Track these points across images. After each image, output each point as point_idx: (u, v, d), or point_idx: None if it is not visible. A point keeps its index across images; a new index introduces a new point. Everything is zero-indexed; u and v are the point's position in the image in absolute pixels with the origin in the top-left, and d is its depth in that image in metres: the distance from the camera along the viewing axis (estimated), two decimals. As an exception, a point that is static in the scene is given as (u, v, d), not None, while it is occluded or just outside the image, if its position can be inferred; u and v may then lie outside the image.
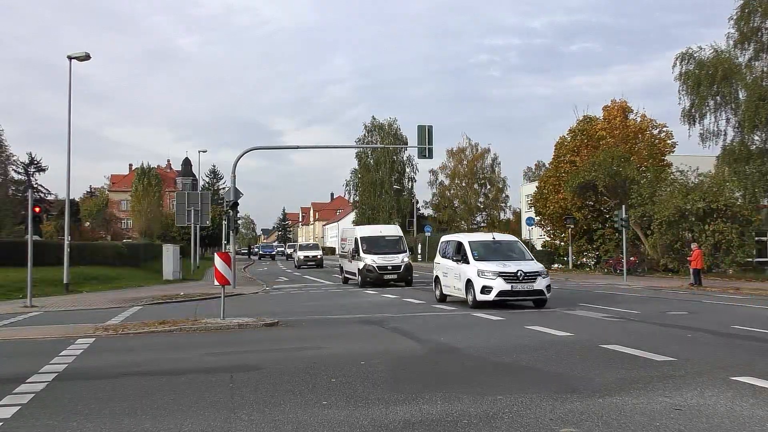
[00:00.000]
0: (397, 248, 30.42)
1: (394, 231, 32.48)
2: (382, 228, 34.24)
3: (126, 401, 7.95)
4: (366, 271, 29.41)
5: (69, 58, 28.64)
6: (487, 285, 18.09)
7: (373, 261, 29.30)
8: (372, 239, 30.52)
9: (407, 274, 29.73)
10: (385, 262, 29.40)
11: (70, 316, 18.94)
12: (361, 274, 29.77)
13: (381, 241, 30.54)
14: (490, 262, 18.59)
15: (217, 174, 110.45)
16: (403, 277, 29.61)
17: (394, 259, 29.57)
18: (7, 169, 61.95)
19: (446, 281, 20.65)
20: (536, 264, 19.23)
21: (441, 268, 21.28)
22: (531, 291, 18.29)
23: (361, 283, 29.73)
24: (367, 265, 29.35)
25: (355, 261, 30.35)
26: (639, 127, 45.08)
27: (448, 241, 21.70)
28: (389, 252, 29.94)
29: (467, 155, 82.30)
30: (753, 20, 34.45)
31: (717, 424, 6.49)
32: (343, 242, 34.58)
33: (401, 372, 9.58)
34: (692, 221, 33.86)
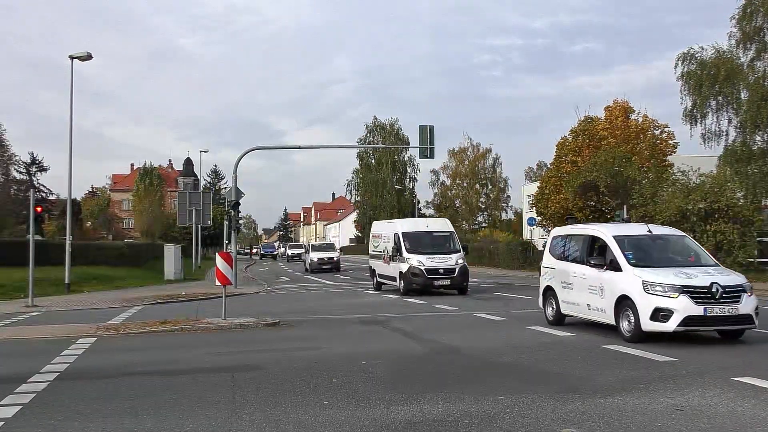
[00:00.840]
0: (449, 247, 25.19)
1: (444, 225, 26.92)
2: (428, 222, 28.40)
3: (127, 401, 7.96)
4: (411, 276, 23.98)
5: (71, 58, 28.68)
6: (665, 307, 11.40)
7: (419, 262, 23.91)
8: (417, 236, 25.34)
9: (462, 280, 24.24)
10: (436, 264, 23.96)
11: (71, 315, 18.95)
12: (404, 279, 24.27)
13: (428, 237, 25.51)
14: (660, 270, 12.08)
15: (218, 174, 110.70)
16: (457, 284, 24.18)
17: (446, 260, 24.24)
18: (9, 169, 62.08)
19: (570, 296, 13.84)
20: (732, 273, 12.74)
21: (558, 275, 14.44)
22: (735, 317, 11.47)
23: (404, 289, 24.20)
24: (413, 267, 23.90)
25: (395, 263, 25.11)
26: (641, 127, 44.99)
27: (570, 235, 14.79)
28: (439, 251, 24.62)
29: (469, 155, 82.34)
30: (755, 20, 34.39)
31: (718, 425, 6.49)
32: (376, 240, 28.81)
33: (402, 372, 9.59)
34: (694, 221, 33.79)
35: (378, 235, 28.64)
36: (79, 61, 29.03)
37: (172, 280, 35.93)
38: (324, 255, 47.43)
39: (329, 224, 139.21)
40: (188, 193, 39.02)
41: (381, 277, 27.31)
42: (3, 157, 57.78)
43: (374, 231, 29.75)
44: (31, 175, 76.39)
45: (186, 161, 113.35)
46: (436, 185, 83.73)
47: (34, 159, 78.17)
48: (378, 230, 29.16)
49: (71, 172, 30.62)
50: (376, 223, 31.66)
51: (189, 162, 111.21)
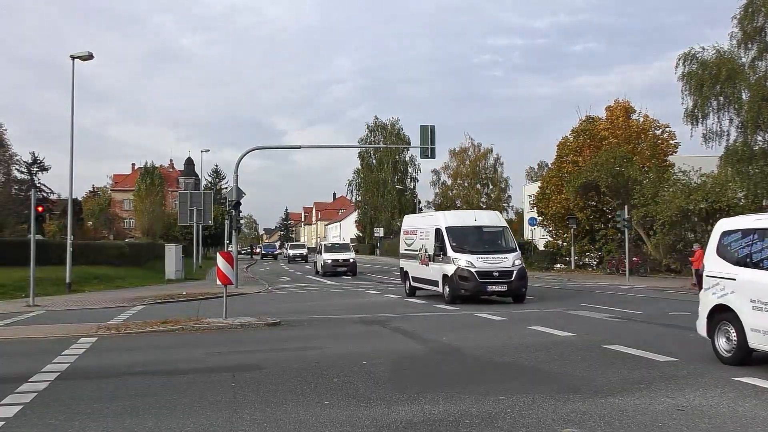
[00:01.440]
0: (503, 244, 21.26)
1: (495, 219, 22.66)
2: (476, 214, 23.10)
3: (128, 400, 7.96)
4: (459, 280, 19.86)
5: (72, 58, 28.72)
6: None
7: (469, 263, 19.85)
8: (464, 231, 21.19)
9: (521, 285, 20.24)
10: (489, 266, 19.93)
11: (72, 315, 18.96)
12: (449, 284, 20.23)
13: (477, 233, 21.33)
14: None
15: (219, 173, 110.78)
16: (514, 290, 20.13)
17: (501, 260, 20.18)
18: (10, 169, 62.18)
19: (760, 320, 9.02)
20: None
21: (740, 288, 9.54)
22: None
23: (450, 296, 20.23)
24: (462, 269, 19.84)
25: (437, 264, 21.06)
26: (642, 127, 45.02)
27: (762, 229, 9.50)
28: (492, 250, 20.65)
29: (470, 155, 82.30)
30: (757, 20, 34.34)
31: (719, 425, 6.48)
32: (409, 236, 24.57)
33: (403, 372, 9.59)
34: (695, 222, 33.84)
35: (412, 230, 24.42)
36: (81, 61, 29.06)
37: (173, 280, 35.95)
38: (339, 256, 41.76)
39: (330, 224, 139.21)
40: (189, 192, 39.07)
41: (416, 281, 23.31)
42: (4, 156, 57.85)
43: (407, 226, 25.56)
44: (32, 174, 76.46)
45: (187, 161, 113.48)
46: (437, 185, 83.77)
47: (36, 158, 78.25)
48: (412, 225, 25.00)
49: (72, 172, 30.69)
50: (409, 217, 27.49)
51: (190, 162, 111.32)
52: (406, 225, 25.89)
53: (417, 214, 29.45)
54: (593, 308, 18.31)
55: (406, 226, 25.69)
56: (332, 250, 43.47)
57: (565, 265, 45.35)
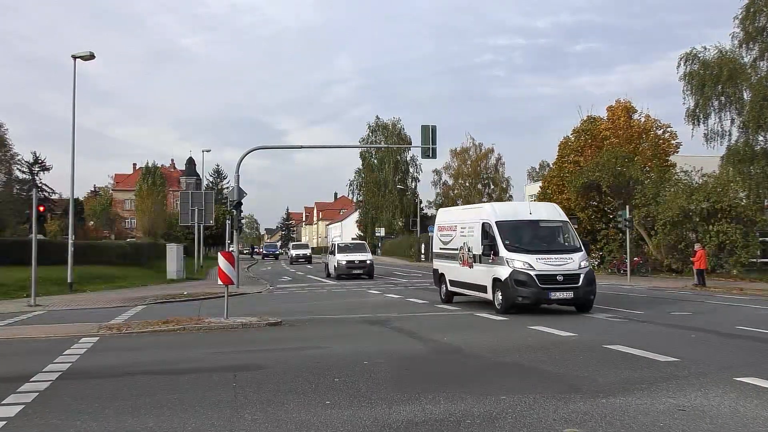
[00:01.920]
0: (565, 243, 18.09)
1: (554, 212, 19.04)
2: (531, 206, 19.66)
3: (129, 400, 7.96)
4: (515, 285, 16.57)
5: (73, 58, 28.74)
6: None
7: (527, 265, 16.61)
8: (517, 226, 17.91)
9: (589, 292, 16.94)
10: (552, 268, 16.65)
11: (73, 315, 18.97)
12: (503, 289, 16.85)
13: (533, 229, 18.10)
14: None
15: (220, 173, 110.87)
16: (581, 297, 16.80)
17: (565, 261, 16.91)
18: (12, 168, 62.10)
19: None
20: None
21: None
22: None
23: (503, 304, 16.90)
24: (518, 272, 16.59)
25: (486, 265, 17.67)
26: (643, 127, 45.02)
27: None
28: (553, 249, 17.48)
29: (471, 155, 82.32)
30: (758, 20, 34.35)
31: (721, 425, 6.48)
32: (446, 233, 21.02)
33: (404, 372, 9.59)
34: (696, 222, 33.81)
35: (449, 225, 20.90)
36: (82, 61, 29.08)
37: (175, 280, 35.97)
38: (354, 257, 37.38)
39: (331, 224, 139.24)
40: (190, 192, 39.13)
41: (455, 285, 20.03)
42: (5, 156, 57.82)
43: (442, 220, 22.04)
44: (34, 174, 76.52)
45: (188, 161, 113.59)
46: (438, 185, 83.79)
47: (37, 158, 78.30)
48: (449, 219, 21.47)
49: (74, 172, 30.77)
50: (445, 211, 23.93)
51: (191, 161, 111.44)
52: (441, 219, 22.22)
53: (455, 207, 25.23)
54: (594, 308, 18.28)
55: (441, 221, 22.04)
56: (347, 250, 38.74)
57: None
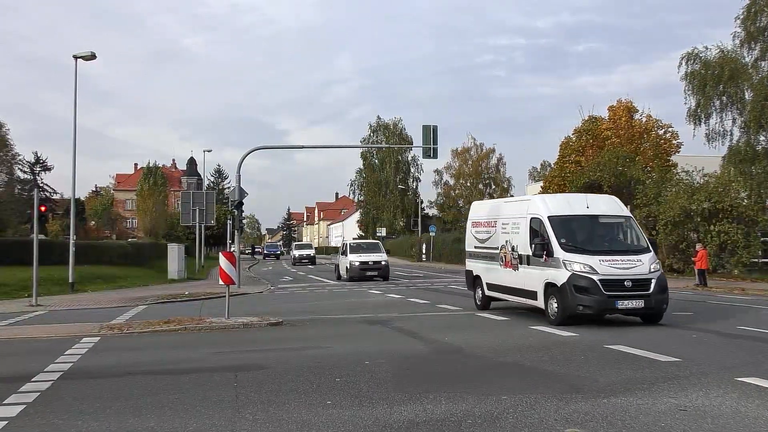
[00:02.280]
0: (630, 241, 15.44)
1: (615, 206, 16.07)
2: (589, 199, 16.34)
3: (131, 400, 7.97)
4: (574, 291, 13.91)
5: (75, 58, 28.76)
6: None
7: (588, 268, 14.00)
8: (575, 223, 15.37)
9: (662, 301, 14.25)
10: (619, 272, 14.01)
11: (75, 315, 18.98)
12: (560, 297, 14.20)
13: (592, 225, 15.50)
14: None
15: (221, 173, 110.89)
16: (654, 307, 14.14)
17: (633, 264, 14.24)
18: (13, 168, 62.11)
19: None
20: None
21: None
22: None
23: (560, 314, 14.21)
24: (578, 276, 14.00)
25: (537, 267, 15.11)
26: (644, 127, 45.01)
27: None
28: (617, 250, 14.86)
29: (472, 155, 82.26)
30: (759, 20, 34.33)
31: (722, 425, 6.47)
32: (482, 228, 18.35)
33: (405, 372, 9.58)
34: (698, 222, 33.76)
35: (487, 221, 18.16)
36: (83, 61, 29.11)
37: (176, 280, 35.98)
38: (369, 258, 34.58)
39: (332, 224, 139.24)
40: (191, 192, 39.07)
41: (494, 290, 17.40)
42: (7, 156, 57.86)
43: (477, 215, 19.20)
44: (35, 174, 76.50)
45: (189, 161, 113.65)
46: (439, 185, 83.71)
47: (38, 158, 78.29)
48: (487, 213, 18.60)
49: (75, 172, 30.88)
50: (481, 204, 20.70)
51: (192, 161, 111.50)
52: (476, 214, 19.37)
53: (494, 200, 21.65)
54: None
55: (476, 216, 19.23)
56: (360, 250, 35.86)
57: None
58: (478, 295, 18.39)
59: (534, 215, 15.66)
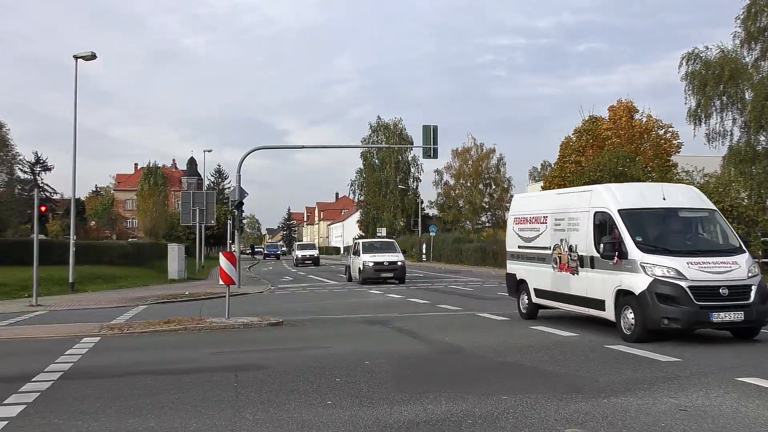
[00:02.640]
0: (718, 239, 13.16)
1: (696, 198, 13.72)
2: (665, 189, 13.71)
3: (131, 400, 7.97)
4: (658, 300, 11.56)
5: (75, 58, 28.78)
6: None
7: (673, 272, 11.66)
8: (651, 217, 13.02)
9: (764, 312, 11.77)
10: (712, 277, 11.68)
11: (75, 315, 18.98)
12: (638, 307, 11.73)
13: (671, 221, 13.18)
14: None
15: (222, 173, 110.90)
16: (755, 319, 11.72)
17: (728, 267, 11.85)
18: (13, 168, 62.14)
19: None
20: None
21: None
22: None
23: (640, 328, 11.69)
24: (661, 281, 11.67)
25: (604, 271, 12.67)
26: (644, 127, 44.99)
27: None
28: (706, 250, 12.50)
29: (472, 155, 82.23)
30: (759, 20, 34.33)
31: (722, 425, 6.47)
32: (528, 225, 15.89)
33: (405, 372, 9.58)
34: (698, 222, 33.76)
35: (534, 216, 15.67)
36: (84, 61, 29.12)
37: (176, 280, 35.99)
38: (384, 258, 31.72)
39: (333, 224, 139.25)
40: (192, 192, 39.10)
41: (546, 296, 14.96)
42: (7, 156, 57.88)
43: (521, 209, 16.58)
44: (35, 174, 76.50)
45: (189, 161, 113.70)
46: (439, 185, 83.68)
47: (39, 158, 78.29)
48: (534, 207, 16.05)
49: (75, 172, 30.91)
50: (526, 198, 18.50)
51: (192, 161, 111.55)
52: (520, 208, 16.71)
53: (542, 192, 18.44)
54: (596, 308, 18.28)
55: (519, 210, 16.63)
56: (373, 249, 32.78)
57: (567, 265, 45.17)
58: (523, 302, 16.00)
59: (599, 209, 13.16)
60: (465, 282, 31.24)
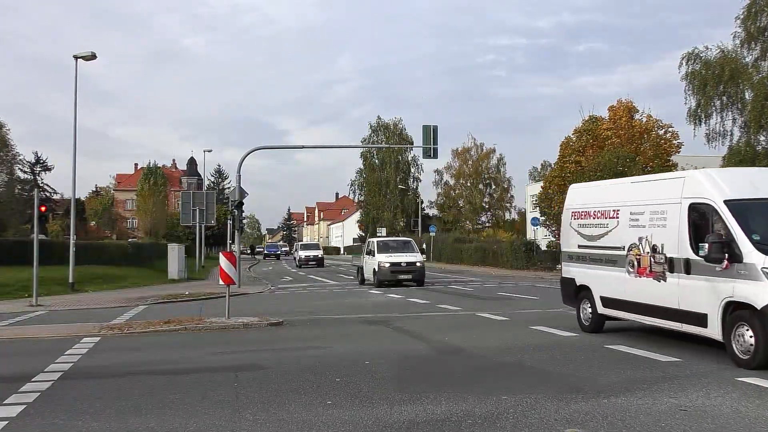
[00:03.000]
0: None
1: None
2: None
3: (131, 400, 7.97)
4: None
5: (75, 58, 28.80)
6: None
7: None
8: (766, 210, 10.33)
9: None
10: None
11: (75, 315, 18.98)
12: (759, 326, 9.14)
13: None
14: None
15: (222, 173, 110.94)
16: None
17: None
18: (13, 169, 62.19)
19: None
20: None
21: None
22: None
23: (763, 351, 9.05)
24: None
25: (705, 278, 10.15)
26: (644, 127, 44.94)
27: None
28: None
29: (472, 155, 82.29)
30: (760, 20, 34.35)
31: (722, 425, 6.47)
32: (591, 221, 13.28)
33: (406, 372, 9.58)
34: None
35: (601, 210, 12.99)
36: (84, 61, 29.14)
37: (176, 280, 35.98)
38: (401, 258, 29.21)
39: (333, 224, 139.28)
40: (192, 192, 39.12)
41: (616, 306, 12.48)
42: (7, 156, 57.92)
43: (582, 201, 13.85)
44: (36, 174, 76.53)
45: (190, 161, 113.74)
46: (439, 185, 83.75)
47: (39, 158, 78.32)
48: (599, 199, 13.34)
49: (75, 172, 30.90)
50: (588, 187, 15.48)
51: (193, 161, 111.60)
52: (579, 200, 13.99)
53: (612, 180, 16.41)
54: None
55: (578, 202, 13.90)
56: (388, 249, 30.20)
57: (567, 265, 45.17)
58: (585, 313, 13.36)
59: (697, 199, 10.69)
60: (465, 282, 31.22)
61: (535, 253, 46.67)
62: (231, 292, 16.43)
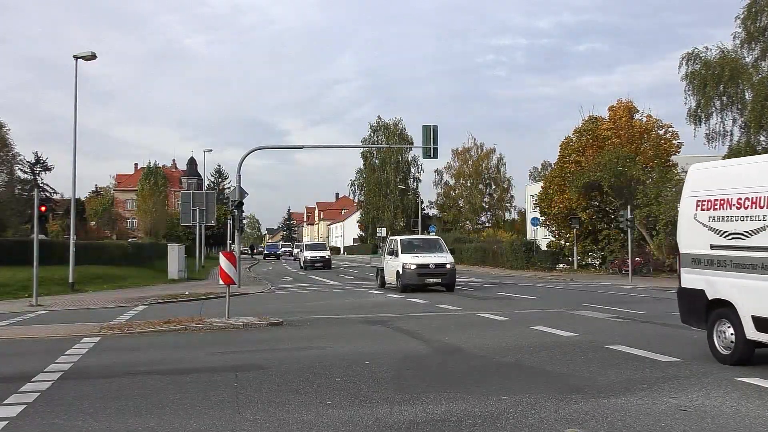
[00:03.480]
0: None
1: None
2: None
3: (131, 400, 7.97)
4: None
5: (75, 58, 28.79)
6: None
7: None
8: None
9: None
10: None
11: (75, 315, 18.98)
12: None
13: None
14: None
15: (222, 173, 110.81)
16: None
17: None
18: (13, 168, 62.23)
19: None
20: None
21: None
22: None
23: None
24: None
25: None
26: (645, 127, 44.96)
27: None
28: None
29: (472, 155, 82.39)
30: (760, 20, 34.39)
31: (722, 425, 6.47)
32: (733, 212, 9.57)
33: (406, 372, 9.58)
34: (698, 222, 33.78)
35: (748, 196, 9.33)
36: (84, 61, 29.13)
37: (176, 280, 35.98)
38: (428, 260, 25.93)
39: (333, 224, 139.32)
40: (192, 192, 39.10)
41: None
42: (7, 156, 57.94)
43: (714, 187, 10.13)
44: (36, 174, 76.50)
45: (190, 161, 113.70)
46: (439, 185, 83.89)
47: (39, 158, 78.26)
48: (745, 182, 9.49)
49: (75, 172, 30.92)
50: (725, 168, 10.84)
51: (193, 161, 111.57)
52: (711, 185, 10.31)
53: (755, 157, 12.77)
54: (596, 308, 18.29)
55: (710, 188, 10.25)
56: (414, 249, 26.85)
57: (567, 265, 45.30)
58: (724, 338, 9.70)
59: None
60: (465, 282, 31.22)
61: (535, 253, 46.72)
62: (231, 292, 16.43)
